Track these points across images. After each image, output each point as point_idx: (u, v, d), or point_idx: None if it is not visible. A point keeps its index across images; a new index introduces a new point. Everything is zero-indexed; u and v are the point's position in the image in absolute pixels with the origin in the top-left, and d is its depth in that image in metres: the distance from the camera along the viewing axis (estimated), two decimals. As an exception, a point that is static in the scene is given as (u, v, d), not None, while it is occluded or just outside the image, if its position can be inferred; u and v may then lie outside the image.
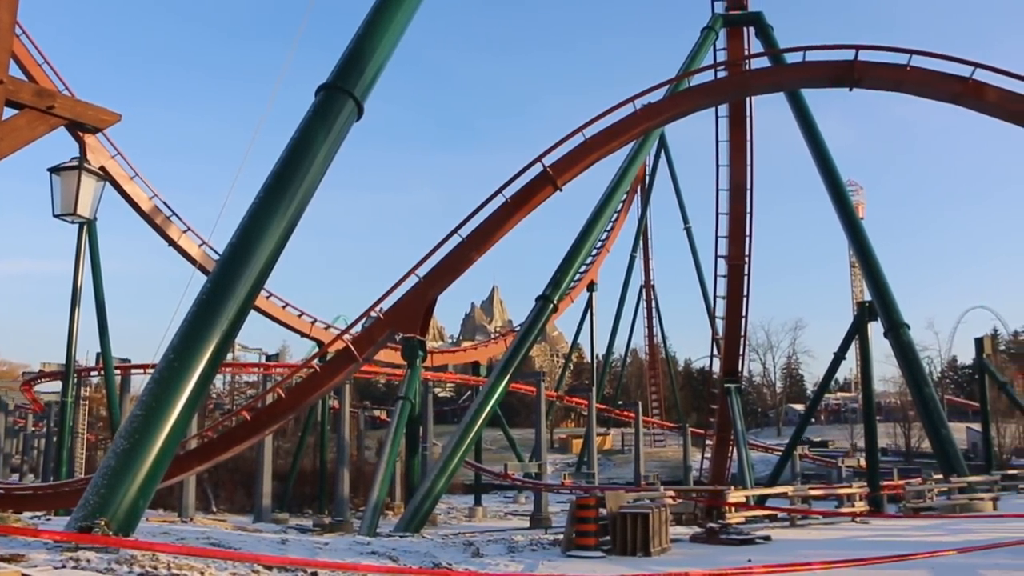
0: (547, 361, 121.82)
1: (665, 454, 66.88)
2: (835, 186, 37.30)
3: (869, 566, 12.30)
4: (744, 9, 39.20)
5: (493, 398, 29.43)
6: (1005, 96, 26.81)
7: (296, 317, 48.08)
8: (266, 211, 17.04)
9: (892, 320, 33.78)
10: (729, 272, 41.34)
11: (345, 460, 37.00)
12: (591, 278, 61.75)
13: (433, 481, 26.92)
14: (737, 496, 24.46)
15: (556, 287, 32.25)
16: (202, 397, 16.44)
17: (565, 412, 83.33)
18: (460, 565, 14.68)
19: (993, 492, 28.57)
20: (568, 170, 28.45)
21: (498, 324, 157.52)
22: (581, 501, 17.33)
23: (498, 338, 69.80)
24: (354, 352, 27.89)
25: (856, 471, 40.77)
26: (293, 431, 51.44)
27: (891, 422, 66.60)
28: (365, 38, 19.82)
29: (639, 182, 65.37)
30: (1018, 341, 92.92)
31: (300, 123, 18.58)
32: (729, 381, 42.13)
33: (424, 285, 28.14)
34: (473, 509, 42.82)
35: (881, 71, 27.90)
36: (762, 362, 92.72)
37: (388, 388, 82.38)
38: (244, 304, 16.15)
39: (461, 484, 49.57)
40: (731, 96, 34.68)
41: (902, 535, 19.92)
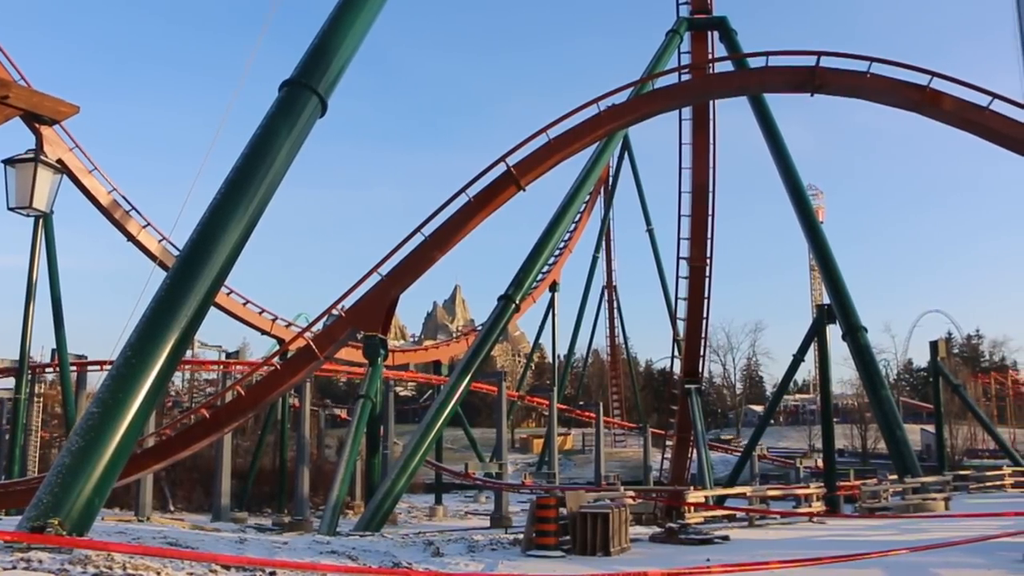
0: (509, 361, 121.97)
1: (626, 454, 67.15)
2: (796, 190, 37.68)
3: (825, 565, 12.45)
4: (709, 13, 39.48)
5: (454, 397, 29.38)
6: (961, 105, 27.33)
7: (257, 314, 47.65)
8: (227, 207, 16.87)
9: (850, 323, 34.17)
10: (691, 274, 41.62)
11: (305, 459, 36.73)
12: (553, 278, 61.88)
13: (393, 480, 26.81)
14: (696, 496, 24.62)
15: (518, 287, 32.26)
16: (160, 394, 16.26)
17: (526, 412, 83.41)
18: (420, 564, 14.64)
19: (945, 492, 29.01)
20: (532, 170, 28.48)
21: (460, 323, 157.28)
22: (541, 501, 17.34)
23: (460, 337, 69.73)
24: (315, 350, 27.71)
25: (814, 472, 41.22)
26: (253, 429, 50.97)
27: (848, 423, 67.42)
28: (330, 34, 19.71)
29: (602, 183, 65.60)
30: (971, 345, 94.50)
31: (263, 119, 18.43)
32: (690, 382, 42.40)
33: (386, 283, 28.02)
34: (434, 508, 42.71)
35: (842, 78, 28.26)
36: (722, 363, 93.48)
37: (349, 387, 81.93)
38: (204, 301, 15.98)
39: (422, 483, 49.43)
40: (694, 99, 34.94)
41: (858, 534, 20.17)
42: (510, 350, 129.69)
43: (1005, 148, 27.71)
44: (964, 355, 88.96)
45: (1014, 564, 14.26)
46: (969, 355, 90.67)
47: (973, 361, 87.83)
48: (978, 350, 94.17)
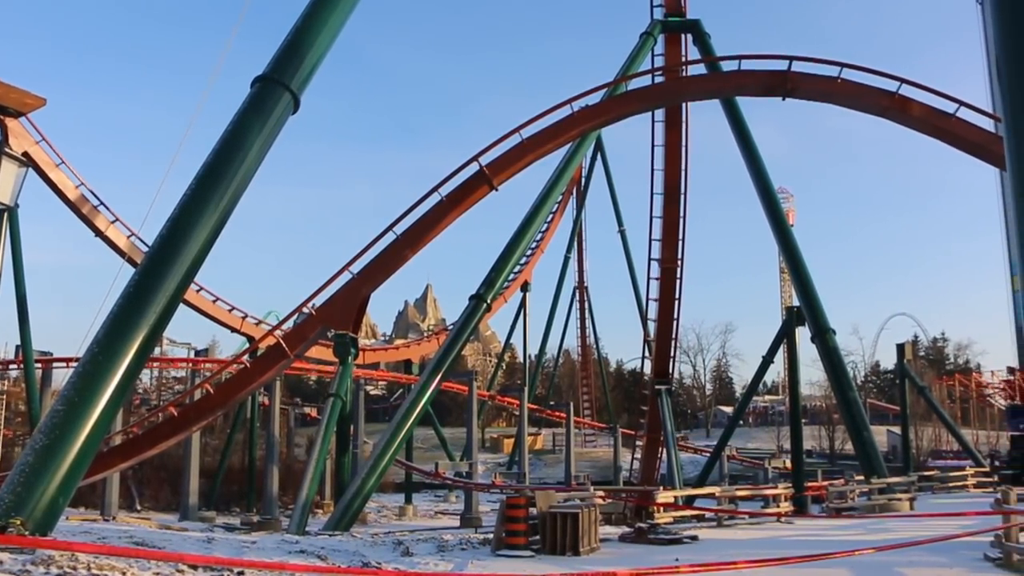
0: (480, 360, 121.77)
1: (596, 454, 67.29)
2: (766, 193, 37.96)
3: (792, 565, 12.54)
4: (682, 16, 39.67)
5: (425, 397, 29.32)
6: (929, 112, 27.71)
7: (227, 312, 47.27)
8: (197, 203, 16.74)
9: (819, 325, 34.47)
10: (662, 275, 41.79)
11: (274, 458, 36.53)
12: (525, 278, 61.90)
13: (363, 480, 26.71)
14: (666, 496, 24.75)
15: (490, 286, 32.25)
16: (127, 392, 16.10)
17: (497, 412, 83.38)
18: (389, 564, 14.59)
19: (910, 493, 29.36)
20: (504, 170, 28.52)
21: (431, 322, 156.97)
22: (511, 500, 17.34)
23: (431, 336, 69.51)
24: (285, 348, 27.59)
25: (782, 472, 41.53)
26: (222, 428, 50.60)
27: (816, 425, 68.01)
28: (303, 30, 19.60)
29: (575, 184, 65.69)
30: (937, 347, 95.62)
31: (235, 115, 18.30)
32: (660, 383, 42.58)
33: (357, 282, 27.95)
34: (403, 508, 42.60)
35: (813, 82, 28.54)
36: (692, 364, 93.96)
37: (319, 385, 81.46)
38: (173, 297, 15.84)
39: (392, 483, 49.25)
40: (667, 101, 35.11)
41: (825, 534, 20.34)
42: (481, 350, 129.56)
43: (970, 154, 28.10)
44: (930, 358, 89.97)
45: (975, 563, 14.48)
46: (935, 358, 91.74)
47: (938, 364, 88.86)
48: (943, 353, 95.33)
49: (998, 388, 72.18)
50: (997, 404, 72.87)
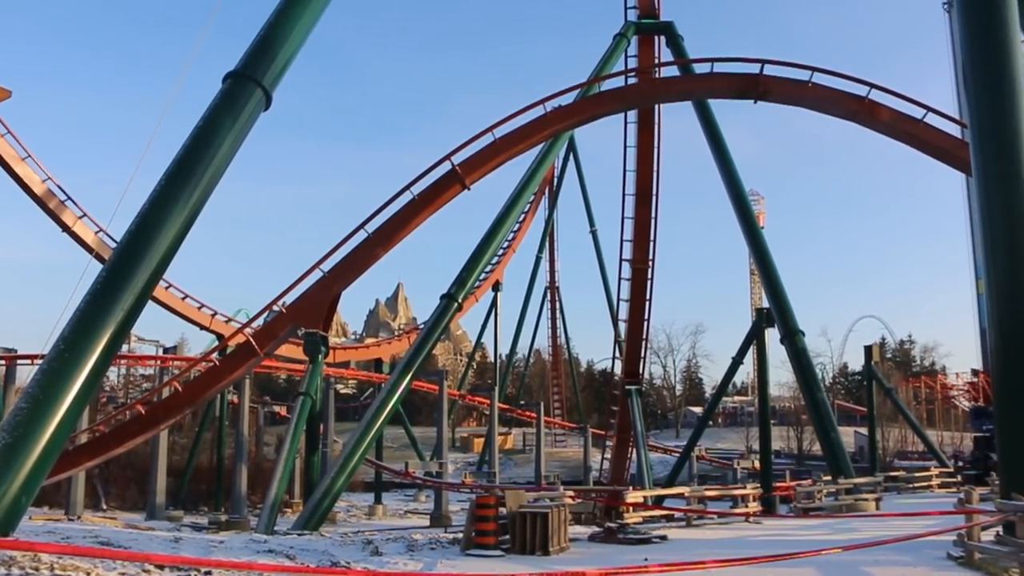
0: (450, 360, 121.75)
1: (566, 454, 67.40)
2: (738, 195, 38.15)
3: (760, 564, 12.62)
4: (656, 18, 39.77)
5: (395, 396, 29.23)
6: (897, 117, 28.05)
7: (196, 309, 46.85)
8: (167, 199, 16.61)
9: (788, 327, 34.69)
10: (633, 275, 41.92)
11: (243, 456, 36.29)
12: (496, 278, 61.93)
13: (333, 479, 26.58)
14: (635, 496, 24.81)
15: (461, 286, 32.21)
16: (94, 390, 15.93)
17: (467, 411, 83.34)
18: (358, 564, 14.54)
19: (876, 493, 29.64)
20: (477, 169, 28.51)
21: (402, 321, 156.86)
22: (481, 500, 17.33)
23: (402, 335, 69.37)
24: (255, 346, 27.42)
25: (751, 473, 41.81)
26: (190, 426, 50.22)
27: (785, 426, 68.50)
28: (276, 26, 19.48)
29: (547, 184, 65.78)
30: (903, 350, 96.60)
31: (206, 111, 18.16)
32: (630, 383, 42.72)
33: (328, 280, 27.84)
34: (373, 507, 42.49)
35: (784, 86, 28.77)
36: (663, 365, 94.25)
37: (289, 384, 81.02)
38: (141, 294, 15.70)
39: (361, 482, 49.09)
40: (640, 103, 35.22)
41: (792, 534, 20.50)
42: (452, 349, 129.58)
43: (937, 159, 28.47)
44: (897, 360, 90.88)
45: (939, 561, 14.68)
46: (901, 360, 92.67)
47: (905, 365, 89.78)
48: (910, 355, 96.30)
49: (962, 390, 73.05)
50: (961, 406, 73.77)
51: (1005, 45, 16.94)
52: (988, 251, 16.88)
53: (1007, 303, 16.28)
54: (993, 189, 16.69)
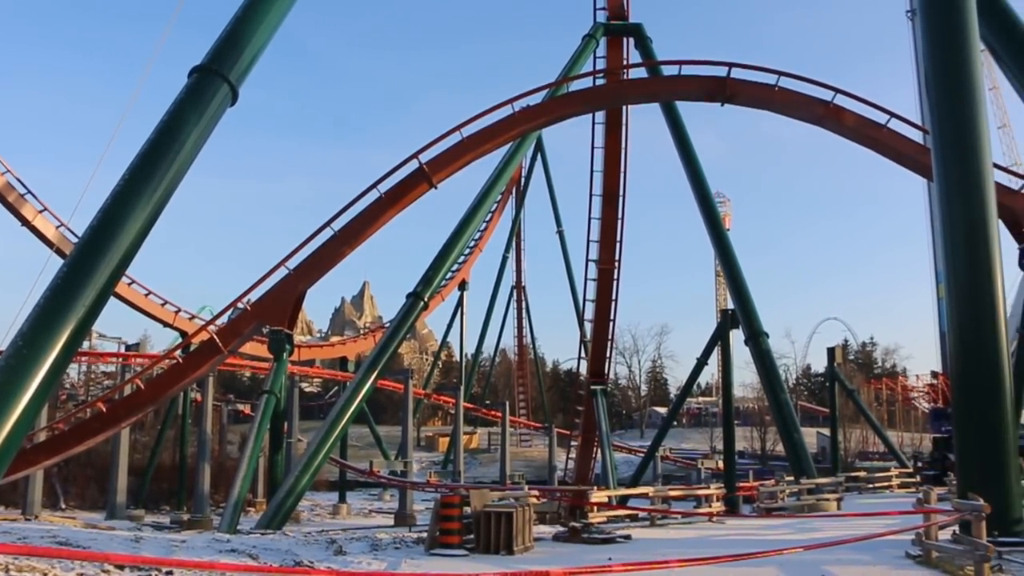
0: (416, 359, 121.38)
1: (531, 454, 67.53)
2: (704, 197, 38.40)
3: (723, 564, 12.71)
4: (625, 20, 39.91)
5: (360, 394, 29.14)
6: (862, 122, 28.44)
7: (159, 306, 46.39)
8: (131, 194, 16.42)
9: (753, 328, 34.96)
10: (599, 276, 42.05)
11: (206, 455, 35.98)
12: (463, 277, 61.87)
13: (297, 477, 26.45)
14: (600, 496, 24.90)
15: (427, 285, 32.16)
16: (53, 387, 15.71)
17: (433, 410, 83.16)
18: (322, 563, 14.47)
19: (838, 493, 29.97)
20: (444, 168, 28.50)
21: (368, 320, 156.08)
22: (446, 499, 17.32)
23: (367, 334, 69.04)
24: (219, 344, 27.20)
25: (714, 473, 42.11)
26: (152, 424, 49.70)
27: (748, 426, 69.08)
28: (243, 21, 19.33)
29: (514, 183, 65.84)
30: (866, 352, 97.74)
31: (171, 105, 17.99)
32: (595, 383, 42.84)
33: (294, 278, 27.69)
34: (337, 506, 42.28)
35: (751, 89, 29.03)
36: (628, 365, 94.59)
37: (253, 382, 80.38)
38: (103, 290, 15.51)
39: (326, 481, 48.85)
40: (608, 104, 35.34)
41: (755, 534, 20.67)
42: (418, 348, 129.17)
43: (900, 164, 28.91)
44: (859, 361, 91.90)
45: (897, 560, 14.89)
46: (863, 361, 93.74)
47: (867, 367, 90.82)
48: (872, 357, 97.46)
49: (922, 392, 74.12)
50: (921, 407, 74.86)
51: (965, 53, 17.23)
52: (948, 256, 17.16)
53: (966, 307, 16.55)
54: (953, 194, 16.97)
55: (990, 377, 16.04)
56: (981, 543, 12.83)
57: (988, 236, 16.51)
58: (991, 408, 15.97)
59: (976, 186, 16.67)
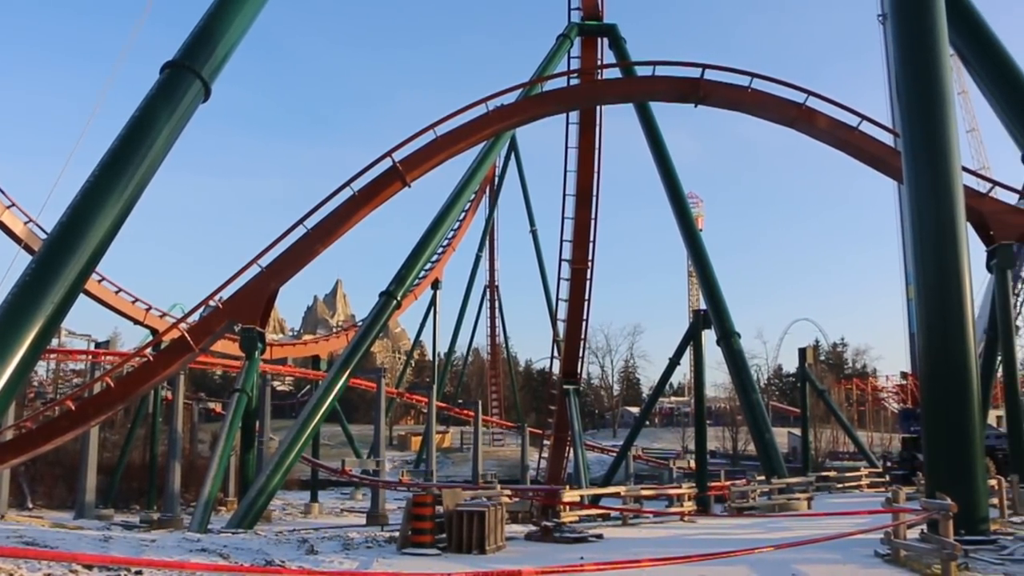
0: (388, 357, 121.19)
1: (504, 453, 67.54)
2: (677, 198, 38.53)
3: (695, 563, 12.78)
4: (600, 20, 40.03)
5: (332, 393, 29.04)
6: (833, 124, 28.70)
7: (130, 303, 45.92)
8: (101, 190, 16.29)
9: (725, 328, 35.11)
10: (572, 276, 42.15)
11: (177, 454, 35.67)
12: (436, 276, 61.82)
13: (268, 477, 26.31)
14: (572, 495, 24.93)
15: (400, 283, 32.10)
16: (20, 384, 15.54)
17: (405, 409, 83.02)
18: (293, 562, 14.40)
19: (809, 492, 30.19)
20: (418, 167, 28.47)
21: (340, 318, 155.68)
22: (418, 498, 17.28)
23: (340, 332, 68.80)
24: (190, 342, 27.00)
25: (686, 472, 42.34)
26: (122, 422, 49.18)
27: (720, 426, 69.49)
28: (217, 16, 19.24)
29: (488, 183, 65.90)
30: (836, 352, 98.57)
31: (142, 100, 17.85)
32: (568, 382, 42.93)
33: (266, 276, 27.54)
34: (309, 506, 42.07)
35: (724, 91, 29.20)
36: (601, 365, 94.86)
37: (225, 380, 79.87)
38: (72, 287, 15.38)
39: (297, 480, 48.61)
40: (582, 104, 35.41)
41: (726, 533, 20.79)
42: (390, 347, 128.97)
43: (871, 167, 29.19)
44: (829, 362, 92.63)
45: (866, 559, 15.04)
46: (834, 362, 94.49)
47: (837, 368, 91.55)
48: (842, 357, 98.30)
49: (892, 392, 74.91)
50: (891, 407, 75.60)
51: (935, 58, 17.45)
52: (917, 257, 17.37)
53: (935, 308, 16.75)
54: (923, 196, 17.17)
55: (958, 378, 16.24)
56: (948, 542, 13.00)
57: (957, 238, 16.73)
58: (959, 409, 16.18)
59: (945, 189, 16.88)
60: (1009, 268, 28.01)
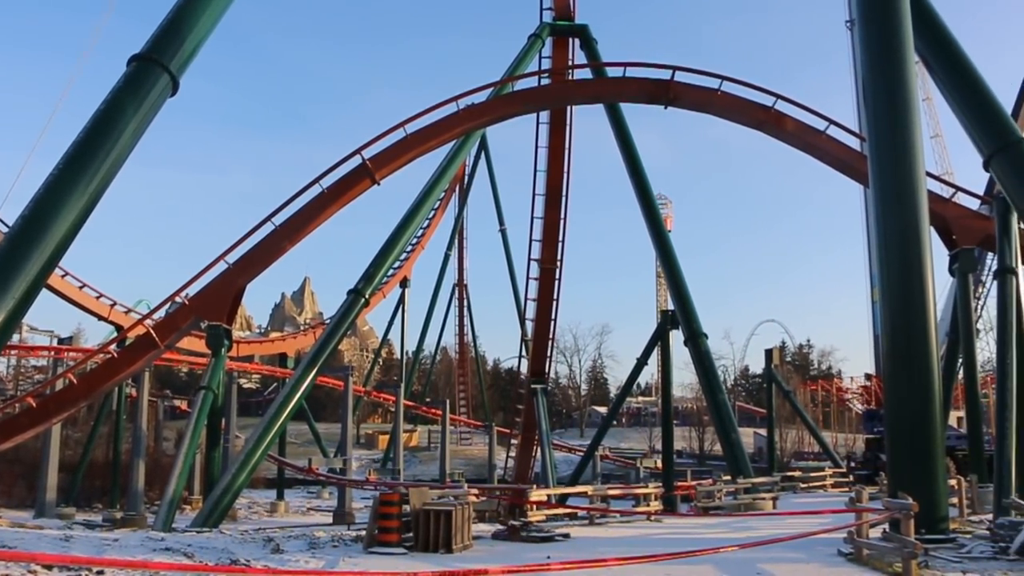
0: (356, 356, 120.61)
1: (471, 452, 67.49)
2: (646, 198, 38.68)
3: (661, 562, 12.84)
4: (571, 20, 40.13)
5: (299, 391, 28.87)
6: (801, 128, 29.00)
7: (94, 299, 45.35)
8: (65, 183, 16.09)
9: (692, 329, 35.32)
10: (541, 275, 42.22)
11: (141, 452, 35.34)
12: (405, 274, 61.65)
13: (234, 475, 26.11)
14: (539, 495, 24.95)
15: (368, 281, 31.99)
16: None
17: (373, 408, 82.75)
18: (259, 561, 14.31)
19: (774, 492, 30.47)
20: (387, 164, 28.41)
21: (308, 316, 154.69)
22: (385, 497, 17.22)
23: (307, 330, 68.38)
24: (155, 338, 26.79)
25: (653, 472, 42.52)
26: (85, 420, 48.63)
27: (687, 426, 69.87)
28: (185, 9, 19.05)
29: (458, 181, 65.79)
30: (802, 353, 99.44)
31: (108, 94, 17.64)
32: (536, 382, 43.01)
33: (233, 272, 27.37)
34: (275, 504, 41.80)
35: (694, 93, 29.39)
36: (568, 364, 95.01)
37: (191, 377, 79.14)
38: (35, 282, 15.17)
39: (263, 478, 48.25)
40: (552, 104, 35.51)
41: (692, 532, 20.91)
42: (358, 345, 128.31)
43: (838, 170, 29.53)
44: (795, 363, 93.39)
45: (829, 558, 15.23)
46: (800, 363, 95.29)
47: (803, 369, 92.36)
48: (808, 359, 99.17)
49: (856, 393, 75.77)
50: (855, 408, 76.45)
51: (901, 64, 17.70)
52: (882, 260, 17.61)
53: (899, 311, 16.98)
54: (888, 200, 17.40)
55: (920, 380, 16.48)
56: (909, 540, 13.19)
57: (920, 242, 16.98)
58: (921, 410, 16.42)
59: (910, 193, 17.13)
60: (971, 272, 28.40)
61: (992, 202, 25.83)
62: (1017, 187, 21.06)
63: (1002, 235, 23.07)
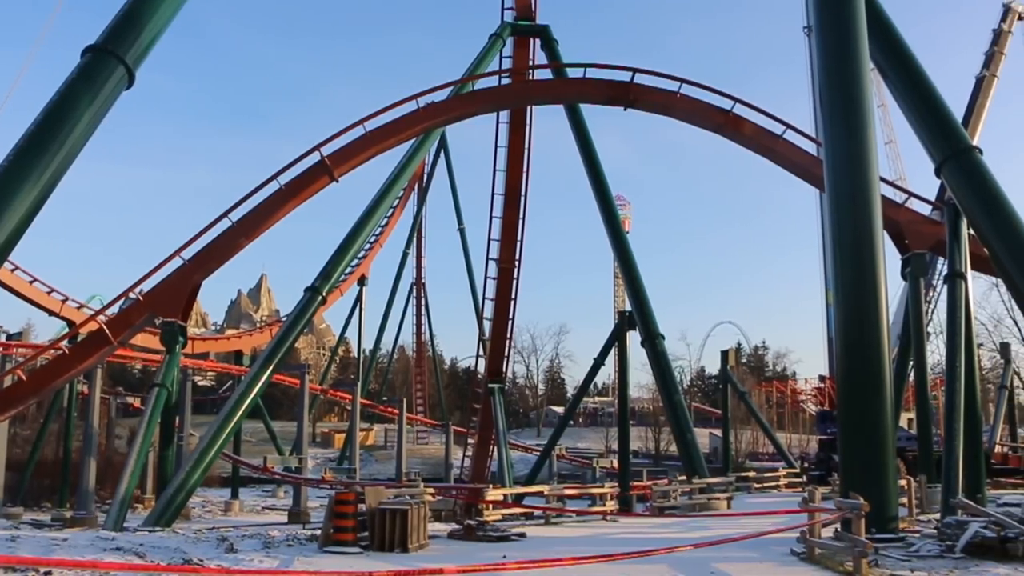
0: (313, 354, 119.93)
1: (428, 451, 67.32)
2: (605, 199, 38.84)
3: (616, 561, 12.92)
4: (532, 21, 40.16)
5: (255, 389, 28.64)
6: (759, 131, 29.32)
7: (45, 294, 44.53)
8: (15, 176, 15.82)
9: (649, 330, 35.51)
10: (499, 275, 42.21)
11: (92, 450, 34.59)
12: (362, 272, 61.36)
13: (188, 473, 25.82)
14: (495, 494, 24.99)
15: (326, 279, 31.82)
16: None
17: (329, 406, 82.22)
18: (212, 561, 14.17)
19: (728, 492, 30.77)
20: (346, 162, 28.28)
21: (265, 313, 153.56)
22: (340, 496, 17.16)
23: (264, 327, 67.82)
24: (108, 335, 26.43)
25: (609, 472, 42.71)
26: (34, 417, 47.79)
27: (643, 426, 70.25)
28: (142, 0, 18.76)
29: (417, 179, 65.58)
30: (758, 355, 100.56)
31: (61, 85, 17.34)
32: (493, 381, 43.00)
33: (189, 268, 27.08)
34: (230, 503, 41.32)
35: (654, 95, 29.58)
36: (526, 364, 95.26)
37: (144, 374, 78.09)
38: (-16, 277, 14.87)
39: (218, 477, 47.71)
40: (512, 103, 35.52)
41: (647, 532, 21.06)
42: (315, 343, 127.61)
43: (794, 174, 29.87)
44: (751, 365, 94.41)
45: (783, 557, 15.43)
46: (755, 365, 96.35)
47: (758, 370, 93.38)
48: (763, 360, 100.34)
49: (810, 395, 76.68)
50: (809, 410, 77.36)
51: (856, 70, 17.98)
52: (836, 264, 17.88)
53: (852, 313, 17.25)
54: (842, 205, 17.68)
55: (873, 382, 16.76)
56: (860, 539, 13.42)
57: (874, 246, 17.26)
58: (873, 412, 16.70)
59: (864, 198, 17.41)
60: (922, 276, 28.88)
61: (943, 208, 26.30)
62: (967, 193, 21.53)
63: (952, 240, 23.49)
